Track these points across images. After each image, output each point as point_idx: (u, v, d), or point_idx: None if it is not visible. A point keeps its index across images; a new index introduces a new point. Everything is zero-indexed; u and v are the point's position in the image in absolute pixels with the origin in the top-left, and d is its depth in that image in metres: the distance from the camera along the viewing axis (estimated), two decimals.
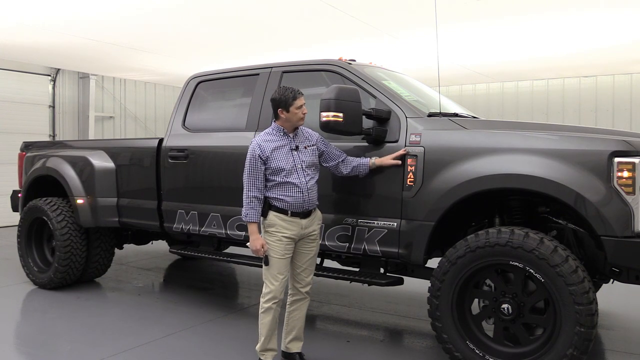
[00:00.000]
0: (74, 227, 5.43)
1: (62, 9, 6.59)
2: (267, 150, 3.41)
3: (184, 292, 5.70)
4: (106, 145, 5.58)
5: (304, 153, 3.51)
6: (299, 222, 3.45)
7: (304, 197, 3.43)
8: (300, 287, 3.60)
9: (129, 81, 12.45)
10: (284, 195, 3.41)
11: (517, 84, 11.69)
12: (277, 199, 3.42)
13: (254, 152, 3.41)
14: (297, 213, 3.44)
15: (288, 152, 3.46)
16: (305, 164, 3.49)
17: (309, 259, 3.59)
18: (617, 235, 2.93)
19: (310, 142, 3.59)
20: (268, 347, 3.52)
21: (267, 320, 3.47)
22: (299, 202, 3.43)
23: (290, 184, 3.41)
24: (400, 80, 4.46)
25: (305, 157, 3.51)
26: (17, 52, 9.26)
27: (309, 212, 3.51)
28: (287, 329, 3.64)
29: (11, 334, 4.41)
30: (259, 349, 3.54)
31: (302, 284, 3.60)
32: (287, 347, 3.65)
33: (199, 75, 5.05)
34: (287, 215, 3.42)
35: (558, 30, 7.35)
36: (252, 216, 3.40)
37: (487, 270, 3.28)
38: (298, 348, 3.65)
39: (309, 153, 3.54)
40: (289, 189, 3.41)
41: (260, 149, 3.41)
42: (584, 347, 2.95)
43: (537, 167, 3.12)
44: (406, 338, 4.47)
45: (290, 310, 3.63)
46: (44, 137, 10.86)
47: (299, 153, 3.49)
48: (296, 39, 8.15)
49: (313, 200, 3.51)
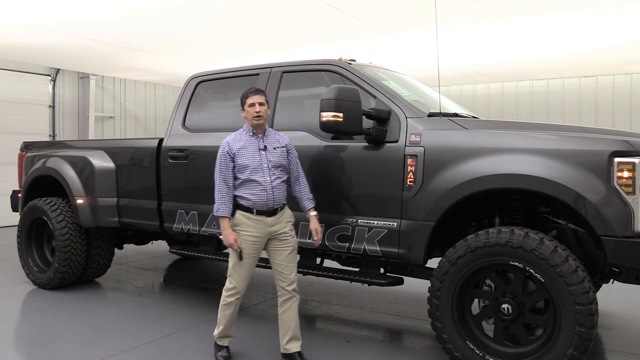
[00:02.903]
0: (74, 227, 5.43)
1: (62, 9, 6.59)
2: (235, 148, 3.57)
3: (184, 292, 5.70)
4: (106, 145, 5.57)
5: (272, 153, 3.62)
6: (265, 221, 3.55)
7: (268, 195, 3.54)
8: (285, 286, 3.61)
9: (129, 81, 12.45)
10: (248, 194, 3.54)
11: (517, 84, 11.69)
12: (243, 197, 3.56)
13: (223, 150, 3.59)
14: (262, 211, 3.54)
15: (255, 151, 3.59)
16: (272, 164, 3.59)
17: (287, 256, 3.62)
18: (617, 235, 2.93)
19: (280, 144, 3.69)
20: (227, 334, 3.74)
21: (228, 312, 3.65)
22: (263, 201, 3.53)
23: (254, 182, 3.53)
24: (400, 80, 4.46)
25: (272, 158, 3.61)
26: (17, 52, 9.26)
27: (274, 211, 3.59)
28: (283, 331, 3.64)
29: (11, 334, 4.40)
30: (217, 335, 3.73)
31: (286, 282, 3.61)
32: (285, 348, 3.64)
33: (199, 75, 5.05)
34: (253, 214, 3.54)
35: (558, 30, 7.36)
36: (223, 210, 3.53)
37: (487, 270, 3.29)
38: (297, 347, 3.63)
39: (277, 154, 3.63)
40: (253, 187, 3.54)
41: (228, 147, 3.59)
42: (584, 347, 2.95)
43: (537, 167, 3.12)
44: (406, 338, 4.46)
45: (281, 311, 3.63)
46: (44, 137, 10.86)
47: (266, 153, 3.60)
48: (296, 39, 8.15)
49: (279, 199, 3.60)
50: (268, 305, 5.14)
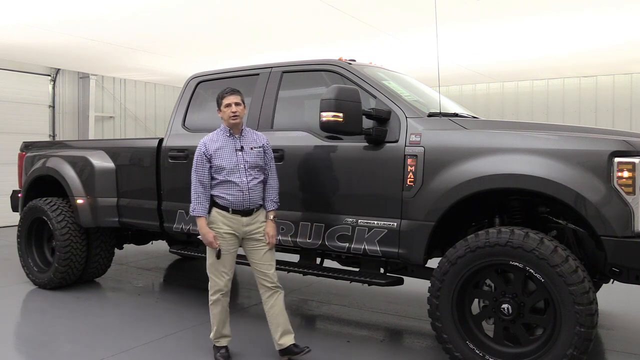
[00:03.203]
0: (74, 227, 5.43)
1: (62, 9, 6.59)
2: (211, 149, 3.62)
3: (183, 292, 5.70)
4: (106, 145, 5.57)
5: (248, 154, 3.66)
6: (240, 220, 3.61)
7: (244, 196, 3.59)
8: (266, 283, 3.68)
9: (129, 81, 12.45)
10: (225, 194, 3.59)
11: (517, 84, 11.69)
12: (219, 196, 3.61)
13: (200, 150, 3.64)
14: (237, 211, 3.61)
15: (232, 151, 3.63)
16: (248, 165, 3.64)
17: (264, 254, 3.68)
18: (617, 235, 2.93)
19: (257, 144, 3.72)
20: (222, 334, 3.75)
21: (217, 311, 3.69)
22: (239, 201, 3.59)
23: (231, 183, 3.59)
24: (400, 80, 4.46)
25: (249, 158, 3.65)
26: (17, 52, 9.26)
27: (250, 211, 3.65)
28: (273, 327, 3.68)
29: (11, 334, 4.40)
30: (213, 336, 3.75)
31: (267, 279, 3.67)
32: (279, 344, 3.67)
33: (199, 75, 5.05)
34: (229, 213, 3.60)
35: (558, 30, 7.36)
36: (199, 210, 3.60)
37: (487, 270, 3.29)
38: (291, 340, 3.67)
39: (254, 154, 3.67)
40: (229, 188, 3.59)
41: (205, 147, 3.63)
42: (584, 347, 2.95)
43: (537, 167, 3.12)
44: (406, 338, 4.46)
45: (268, 308, 3.68)
46: (44, 137, 10.86)
47: (243, 153, 3.64)
48: (296, 39, 8.15)
49: (255, 199, 3.65)
50: None
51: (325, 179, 3.94)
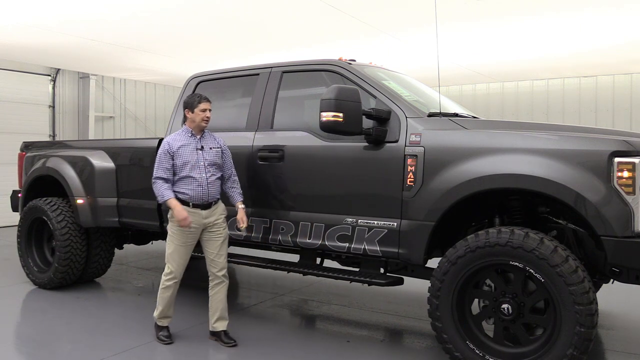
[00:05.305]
0: (74, 227, 5.43)
1: (62, 9, 6.59)
2: (175, 147, 3.95)
3: (183, 292, 5.68)
4: (106, 145, 5.57)
5: (208, 153, 4.01)
6: (200, 213, 3.94)
7: (204, 190, 3.94)
8: (216, 272, 4.02)
9: (129, 81, 12.45)
10: (186, 189, 3.93)
11: (517, 84, 11.69)
12: (181, 192, 3.94)
13: (164, 148, 3.96)
14: (197, 205, 3.94)
15: (193, 150, 3.97)
16: (207, 162, 3.99)
17: (219, 244, 4.01)
18: (617, 235, 2.93)
19: (216, 144, 4.08)
20: (166, 315, 4.13)
21: (167, 295, 4.06)
22: (199, 195, 3.93)
23: (192, 179, 3.92)
24: (400, 80, 4.46)
25: (208, 157, 4.00)
26: (17, 52, 9.26)
27: (209, 204, 3.99)
28: (212, 311, 4.05)
29: (11, 334, 4.40)
30: (157, 316, 4.13)
31: (217, 268, 4.02)
32: (213, 326, 4.04)
33: (199, 75, 5.05)
34: (189, 207, 3.92)
35: (558, 30, 7.35)
36: (166, 194, 3.90)
37: (487, 270, 3.29)
38: (224, 327, 4.05)
39: (213, 154, 4.04)
40: (190, 183, 3.93)
41: (169, 146, 3.96)
42: (584, 347, 2.95)
43: (537, 167, 3.12)
44: (406, 338, 4.46)
45: (212, 294, 4.05)
46: (44, 137, 10.85)
47: (203, 152, 4.00)
48: (296, 39, 8.14)
49: (213, 194, 4.00)
50: (268, 306, 5.14)
51: (325, 179, 3.94)
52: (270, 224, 4.21)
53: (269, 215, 4.23)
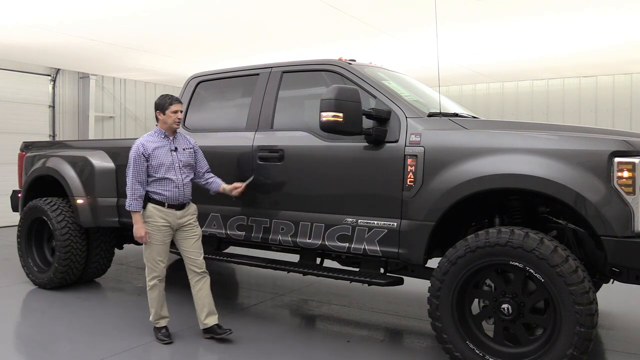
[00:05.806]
0: (74, 227, 5.43)
1: (62, 9, 6.59)
2: (149, 149, 3.97)
3: (183, 292, 5.68)
4: (106, 145, 5.57)
5: (181, 154, 4.08)
6: (174, 213, 4.02)
7: (179, 191, 4.01)
8: (195, 269, 4.10)
9: (129, 81, 12.45)
10: (162, 190, 3.98)
11: (517, 84, 11.68)
12: (156, 192, 3.98)
13: (138, 151, 3.96)
14: (173, 205, 4.01)
15: (168, 151, 4.02)
16: (182, 164, 4.06)
17: (194, 242, 4.10)
18: (617, 235, 2.93)
19: (188, 145, 4.16)
20: (161, 316, 4.14)
21: (155, 295, 4.09)
22: (174, 196, 4.00)
23: (168, 180, 3.98)
24: (400, 80, 4.46)
25: (182, 158, 4.08)
26: (17, 52, 9.26)
27: (183, 205, 4.07)
28: (199, 308, 4.08)
29: (11, 334, 4.40)
30: (153, 319, 4.13)
31: (196, 265, 4.10)
32: (204, 323, 4.06)
33: (199, 75, 5.05)
34: (164, 207, 3.98)
35: (558, 30, 7.35)
36: (135, 206, 3.95)
37: (487, 270, 3.29)
38: (215, 321, 4.06)
39: (187, 155, 4.11)
40: (166, 184, 3.98)
41: (143, 148, 3.96)
42: (584, 347, 2.95)
43: (537, 167, 3.12)
44: (406, 338, 4.46)
45: (195, 291, 4.09)
46: (44, 137, 10.85)
47: (177, 154, 4.06)
48: (296, 39, 8.14)
49: (187, 195, 4.08)
50: (268, 306, 5.14)
51: (325, 179, 3.94)
52: (270, 224, 4.21)
53: (268, 215, 4.23)
